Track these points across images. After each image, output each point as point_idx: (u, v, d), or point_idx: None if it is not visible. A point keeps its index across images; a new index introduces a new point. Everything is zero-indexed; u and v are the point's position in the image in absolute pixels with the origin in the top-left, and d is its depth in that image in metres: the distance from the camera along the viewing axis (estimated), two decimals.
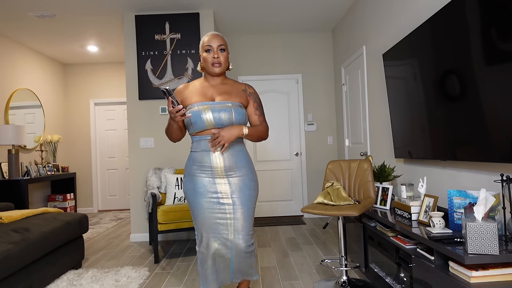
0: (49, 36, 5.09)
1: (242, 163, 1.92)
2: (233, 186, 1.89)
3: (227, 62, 1.96)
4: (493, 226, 1.50)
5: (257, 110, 2.00)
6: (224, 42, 1.93)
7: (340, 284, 2.59)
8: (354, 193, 2.83)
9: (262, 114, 2.03)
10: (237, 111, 1.88)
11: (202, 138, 1.88)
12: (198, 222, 1.89)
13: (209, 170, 1.87)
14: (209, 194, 1.88)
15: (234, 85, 1.99)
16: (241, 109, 1.91)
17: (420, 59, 2.47)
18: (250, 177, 1.94)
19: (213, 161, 1.87)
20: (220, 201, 1.88)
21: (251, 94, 2.00)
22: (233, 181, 1.89)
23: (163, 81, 4.36)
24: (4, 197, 4.49)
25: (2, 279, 2.28)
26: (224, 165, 1.87)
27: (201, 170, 1.89)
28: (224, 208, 1.88)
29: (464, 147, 2.04)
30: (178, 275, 3.08)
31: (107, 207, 6.75)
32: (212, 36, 1.91)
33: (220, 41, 1.91)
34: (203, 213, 1.87)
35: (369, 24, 3.85)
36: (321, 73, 5.45)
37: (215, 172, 1.87)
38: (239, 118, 1.87)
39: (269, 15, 4.72)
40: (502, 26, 1.67)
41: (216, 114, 1.84)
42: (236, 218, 1.87)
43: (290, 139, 5.42)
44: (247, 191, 1.91)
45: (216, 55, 1.89)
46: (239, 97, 1.95)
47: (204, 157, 1.87)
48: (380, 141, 3.67)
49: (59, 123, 6.33)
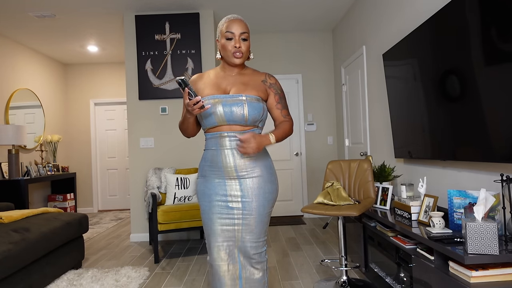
0: (49, 36, 5.09)
1: (257, 162, 1.69)
2: (244, 188, 1.67)
3: (248, 52, 1.72)
4: (493, 226, 1.50)
5: (279, 103, 1.76)
6: (247, 29, 1.68)
7: (340, 284, 2.59)
8: (354, 193, 2.83)
9: (285, 107, 1.78)
10: (252, 105, 1.64)
11: (214, 135, 1.68)
12: (206, 228, 1.71)
13: (220, 170, 1.67)
14: (217, 197, 1.68)
15: (253, 75, 1.75)
16: (257, 103, 1.66)
17: (420, 59, 2.47)
18: (266, 178, 1.70)
19: (223, 160, 1.66)
20: (229, 205, 1.67)
21: (272, 85, 1.76)
22: (245, 182, 1.67)
23: (163, 81, 4.36)
24: (4, 197, 4.49)
25: (2, 279, 2.28)
26: (235, 164, 1.65)
27: (212, 170, 1.69)
28: (233, 213, 1.67)
29: (464, 147, 2.04)
30: (178, 275, 3.08)
31: (107, 207, 6.75)
32: (234, 22, 1.65)
33: (243, 27, 1.66)
34: (210, 218, 1.69)
35: (369, 24, 3.85)
36: (321, 73, 5.45)
37: (225, 172, 1.66)
38: (254, 113, 1.64)
39: (269, 16, 4.72)
40: (502, 26, 1.67)
41: (228, 108, 1.62)
42: (245, 224, 1.66)
43: (290, 139, 5.42)
44: (261, 194, 1.67)
45: (238, 44, 1.64)
46: (257, 89, 1.70)
47: (215, 156, 1.67)
48: (380, 141, 3.67)
49: (59, 123, 6.33)
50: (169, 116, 4.43)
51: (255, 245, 1.67)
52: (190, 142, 4.43)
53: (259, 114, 1.67)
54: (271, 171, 1.73)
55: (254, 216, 1.66)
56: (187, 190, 3.85)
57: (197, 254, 3.66)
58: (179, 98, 4.38)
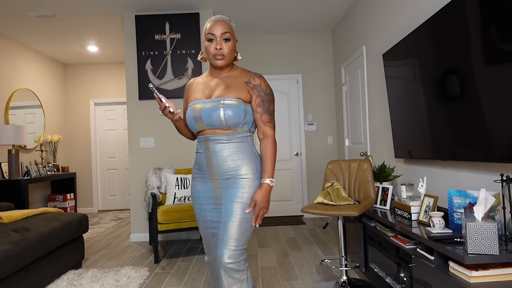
0: (49, 36, 5.09)
1: (242, 161, 1.62)
2: (226, 189, 1.62)
3: (233, 53, 1.66)
4: (493, 226, 1.50)
5: (259, 107, 1.63)
6: (229, 29, 1.61)
7: (340, 284, 2.59)
8: (354, 193, 2.83)
9: (267, 111, 1.64)
10: (230, 108, 1.57)
11: (200, 139, 1.68)
12: (199, 230, 1.74)
13: (205, 173, 1.67)
14: (205, 200, 1.68)
15: (239, 76, 1.67)
16: (237, 106, 1.58)
17: (420, 59, 2.47)
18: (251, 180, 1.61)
19: (208, 163, 1.65)
20: (213, 207, 1.66)
21: (255, 86, 1.63)
22: (227, 183, 1.62)
23: (163, 81, 4.36)
24: (4, 197, 4.49)
25: (2, 279, 2.28)
26: (218, 165, 1.62)
27: (200, 173, 1.70)
28: (215, 215, 1.66)
29: (464, 147, 2.04)
30: (178, 275, 3.08)
31: (107, 207, 6.75)
32: (215, 23, 1.60)
33: (224, 27, 1.60)
34: (199, 220, 1.71)
35: (369, 24, 3.85)
36: (321, 73, 5.45)
37: (209, 175, 1.66)
38: (232, 117, 1.58)
39: (269, 16, 4.72)
40: (502, 26, 1.67)
41: (206, 113, 1.59)
42: (224, 228, 1.57)
43: (290, 139, 5.42)
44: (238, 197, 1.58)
45: (218, 46, 1.59)
46: (238, 91, 1.62)
47: (201, 159, 1.68)
48: (380, 141, 3.67)
49: (59, 123, 6.33)
50: None
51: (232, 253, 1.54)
52: (190, 142, 4.43)
53: (239, 117, 1.59)
54: (256, 173, 1.63)
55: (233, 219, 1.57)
56: (187, 190, 3.85)
57: (197, 254, 3.66)
58: (179, 98, 4.38)
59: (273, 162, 1.61)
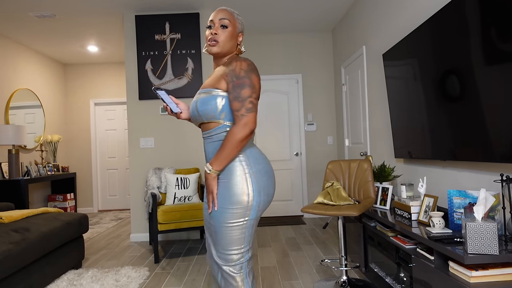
0: (49, 36, 5.09)
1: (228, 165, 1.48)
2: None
3: (231, 42, 1.54)
4: (493, 226, 1.50)
5: (230, 94, 1.44)
6: (228, 16, 1.53)
7: (340, 284, 2.59)
8: (354, 193, 2.83)
9: (237, 98, 1.42)
10: (203, 100, 1.48)
11: None
12: None
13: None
14: (205, 198, 1.63)
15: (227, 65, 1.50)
16: (207, 96, 1.47)
17: (420, 59, 2.47)
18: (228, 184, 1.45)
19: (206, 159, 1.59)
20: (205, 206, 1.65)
21: (229, 72, 1.45)
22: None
23: (163, 81, 4.36)
24: (4, 197, 4.49)
25: (2, 279, 2.28)
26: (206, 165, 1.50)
27: None
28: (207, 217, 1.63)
29: (464, 147, 2.04)
30: (178, 275, 3.08)
31: (107, 207, 6.75)
32: (216, 11, 1.55)
33: (223, 14, 1.53)
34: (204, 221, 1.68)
35: (369, 24, 3.85)
36: (321, 73, 5.45)
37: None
38: (204, 108, 1.47)
39: (269, 16, 4.72)
40: (502, 26, 1.67)
41: (191, 108, 1.56)
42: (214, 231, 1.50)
43: (290, 139, 5.42)
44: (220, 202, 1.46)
45: (214, 31, 1.51)
46: (216, 80, 1.49)
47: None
48: (380, 141, 3.67)
49: (59, 123, 6.33)
50: (169, 116, 4.43)
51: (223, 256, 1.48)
52: (190, 142, 4.44)
53: (212, 109, 1.45)
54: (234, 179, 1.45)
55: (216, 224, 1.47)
56: (187, 190, 3.85)
57: (197, 254, 3.67)
58: (179, 98, 4.38)
59: (224, 152, 1.41)
